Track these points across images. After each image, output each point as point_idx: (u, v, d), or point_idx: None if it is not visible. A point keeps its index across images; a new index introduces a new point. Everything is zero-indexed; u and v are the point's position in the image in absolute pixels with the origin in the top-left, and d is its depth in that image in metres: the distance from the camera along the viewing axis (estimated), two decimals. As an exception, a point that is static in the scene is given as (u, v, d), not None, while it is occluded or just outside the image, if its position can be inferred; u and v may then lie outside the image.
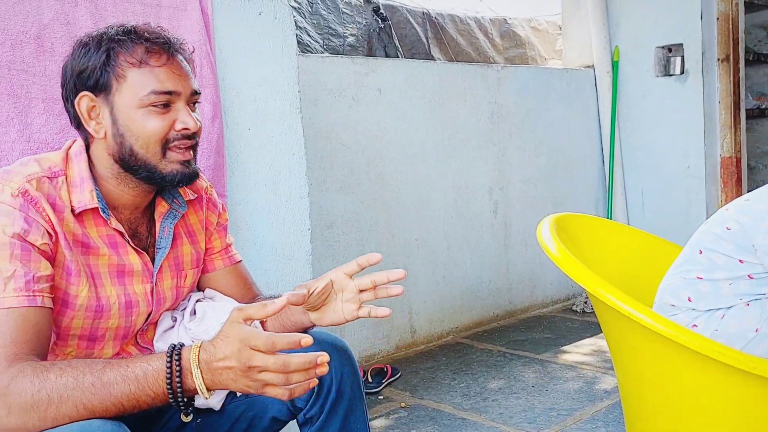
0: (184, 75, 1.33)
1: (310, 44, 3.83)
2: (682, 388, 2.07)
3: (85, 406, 1.06)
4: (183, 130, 1.31)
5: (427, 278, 3.68)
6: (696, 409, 2.08)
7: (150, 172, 1.32)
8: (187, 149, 1.34)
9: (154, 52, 1.30)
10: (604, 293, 2.05)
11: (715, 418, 2.07)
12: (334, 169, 3.27)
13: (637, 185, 4.47)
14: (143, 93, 1.28)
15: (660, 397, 2.16)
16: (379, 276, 1.41)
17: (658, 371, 2.12)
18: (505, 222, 4.08)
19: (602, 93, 4.49)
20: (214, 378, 1.10)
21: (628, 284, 2.34)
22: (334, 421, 1.42)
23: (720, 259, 2.01)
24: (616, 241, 2.76)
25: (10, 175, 1.23)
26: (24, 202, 1.20)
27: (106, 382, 1.07)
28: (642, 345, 2.11)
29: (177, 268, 1.47)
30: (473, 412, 2.71)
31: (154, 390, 1.09)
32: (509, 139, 4.08)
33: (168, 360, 1.10)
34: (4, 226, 1.17)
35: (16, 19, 1.69)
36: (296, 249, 2.35)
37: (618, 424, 2.52)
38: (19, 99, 1.69)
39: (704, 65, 4.09)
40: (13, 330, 1.12)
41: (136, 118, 1.29)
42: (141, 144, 1.30)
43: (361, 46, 4.11)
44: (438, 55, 4.46)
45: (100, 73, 1.29)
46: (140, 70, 1.28)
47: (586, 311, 4.14)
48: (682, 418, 2.12)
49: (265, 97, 2.25)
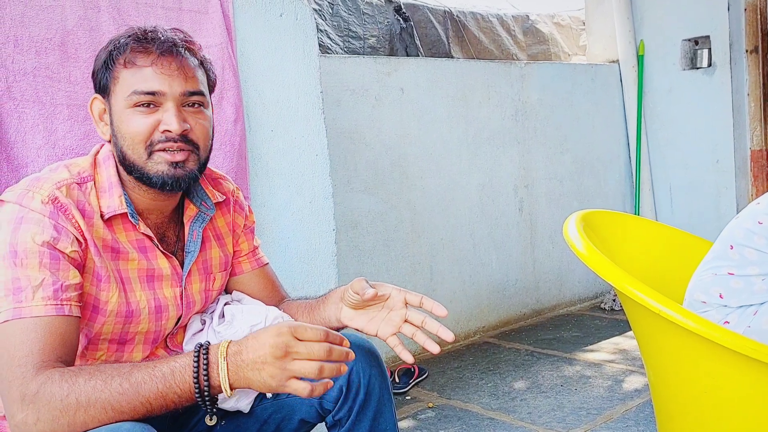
0: (175, 74, 1.28)
1: (331, 47, 3.83)
2: (715, 386, 2.03)
3: (113, 407, 1.05)
4: (165, 131, 1.27)
5: (453, 278, 3.66)
6: (729, 408, 2.04)
7: (140, 173, 1.29)
8: (178, 151, 1.29)
9: (141, 51, 1.28)
10: (633, 290, 2.02)
11: (750, 416, 2.03)
12: (358, 170, 3.26)
13: (665, 181, 4.41)
14: (128, 93, 1.27)
15: (692, 396, 2.12)
16: (430, 324, 1.43)
17: (689, 369, 2.09)
18: (531, 220, 4.05)
19: (628, 88, 4.44)
20: (239, 372, 1.09)
21: (657, 281, 2.31)
22: (362, 422, 1.41)
23: (752, 254, 1.97)
24: (644, 237, 2.73)
25: (40, 182, 1.23)
26: (54, 210, 1.20)
27: (134, 382, 1.07)
28: (673, 343, 2.07)
29: (206, 271, 1.47)
30: (501, 411, 2.69)
31: (181, 387, 1.09)
32: (534, 137, 4.04)
33: (195, 355, 1.10)
34: (34, 234, 1.17)
35: (40, 26, 1.71)
36: (321, 250, 2.35)
37: (649, 423, 2.48)
38: (44, 105, 1.71)
39: (732, 57, 4.02)
40: (40, 339, 1.12)
41: (124, 118, 1.28)
42: (128, 145, 1.28)
43: (382, 47, 4.11)
44: (458, 55, 4.43)
45: (102, 75, 1.30)
46: (128, 70, 1.27)
47: (615, 309, 4.10)
48: (714, 417, 2.08)
49: (287, 98, 2.25)
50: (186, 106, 1.31)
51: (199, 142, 1.33)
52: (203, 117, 1.34)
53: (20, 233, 1.17)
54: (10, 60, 1.68)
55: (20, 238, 1.16)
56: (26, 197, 1.20)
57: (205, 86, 1.36)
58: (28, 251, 1.16)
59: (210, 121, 1.37)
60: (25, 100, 1.69)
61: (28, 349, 1.10)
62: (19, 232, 1.17)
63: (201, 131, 1.33)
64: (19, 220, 1.18)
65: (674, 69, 4.26)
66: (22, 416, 1.06)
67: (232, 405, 1.43)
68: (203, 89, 1.34)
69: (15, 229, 1.17)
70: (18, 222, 1.18)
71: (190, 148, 1.31)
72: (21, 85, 1.69)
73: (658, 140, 4.41)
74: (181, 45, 1.32)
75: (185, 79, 1.30)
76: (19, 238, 1.16)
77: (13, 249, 1.16)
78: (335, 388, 1.40)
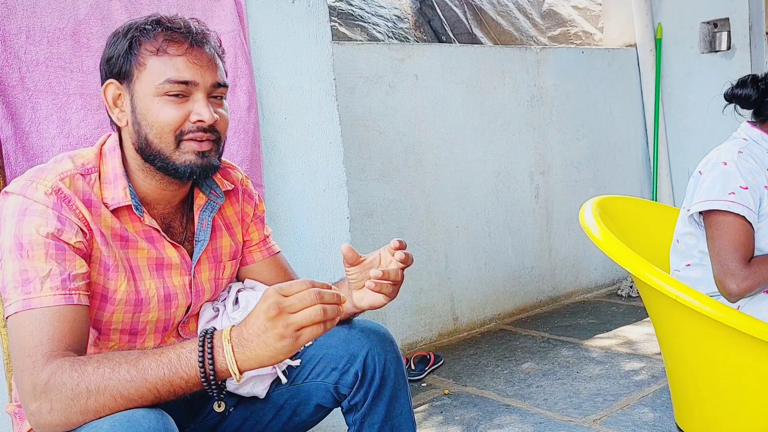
0: (205, 66, 1.29)
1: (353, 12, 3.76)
2: (734, 372, 2.02)
3: (122, 395, 1.05)
4: (198, 122, 1.28)
5: (469, 265, 3.65)
6: (749, 394, 2.02)
7: (164, 163, 1.29)
8: (205, 141, 1.30)
9: (174, 40, 1.28)
10: (650, 276, 2.01)
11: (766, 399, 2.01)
12: (373, 157, 3.25)
13: (683, 166, 4.36)
14: (159, 81, 1.27)
15: (711, 382, 2.10)
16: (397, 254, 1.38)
17: (708, 355, 2.07)
18: (547, 207, 4.02)
19: (645, 72, 4.38)
20: (246, 351, 1.07)
21: (674, 267, 2.29)
22: (378, 407, 1.42)
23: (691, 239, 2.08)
24: (661, 223, 2.70)
25: (44, 173, 1.24)
26: (57, 201, 1.21)
27: (141, 368, 1.06)
28: (691, 329, 2.06)
29: (215, 260, 1.47)
30: (517, 398, 2.68)
31: (187, 372, 1.08)
32: (550, 123, 4.01)
33: (200, 340, 1.09)
34: (38, 225, 1.18)
35: (52, 15, 1.71)
36: (335, 238, 2.34)
37: (666, 409, 2.46)
38: (57, 95, 1.71)
39: (752, 40, 3.96)
40: (50, 328, 1.13)
41: (152, 106, 1.27)
42: (155, 133, 1.28)
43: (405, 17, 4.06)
44: (480, 35, 4.40)
45: (124, 60, 1.29)
46: (159, 58, 1.27)
47: (632, 296, 4.07)
48: (734, 403, 2.07)
49: (300, 86, 2.24)
50: (212, 97, 1.32)
51: (222, 133, 1.35)
52: (224, 107, 1.36)
53: (24, 225, 1.17)
54: (23, 51, 1.68)
55: (25, 230, 1.17)
56: (30, 189, 1.21)
57: (225, 78, 1.37)
58: (33, 243, 1.17)
59: (228, 112, 1.38)
60: (39, 90, 1.69)
61: (37, 340, 1.11)
62: (24, 224, 1.17)
63: (224, 122, 1.35)
64: (23, 212, 1.19)
65: (693, 52, 4.20)
66: (36, 405, 1.07)
67: (248, 391, 1.44)
68: (227, 81, 1.36)
69: (19, 221, 1.18)
70: (22, 214, 1.18)
71: (216, 138, 1.33)
72: (34, 75, 1.69)
73: (676, 125, 4.36)
74: (209, 37, 1.34)
75: (215, 71, 1.31)
76: (23, 230, 1.17)
77: (18, 241, 1.17)
78: (350, 373, 1.41)
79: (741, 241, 1.88)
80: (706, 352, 2.06)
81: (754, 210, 1.89)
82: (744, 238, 1.89)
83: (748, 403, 2.03)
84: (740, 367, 1.99)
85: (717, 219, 1.92)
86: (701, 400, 2.15)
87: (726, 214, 1.89)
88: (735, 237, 1.88)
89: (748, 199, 1.88)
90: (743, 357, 1.96)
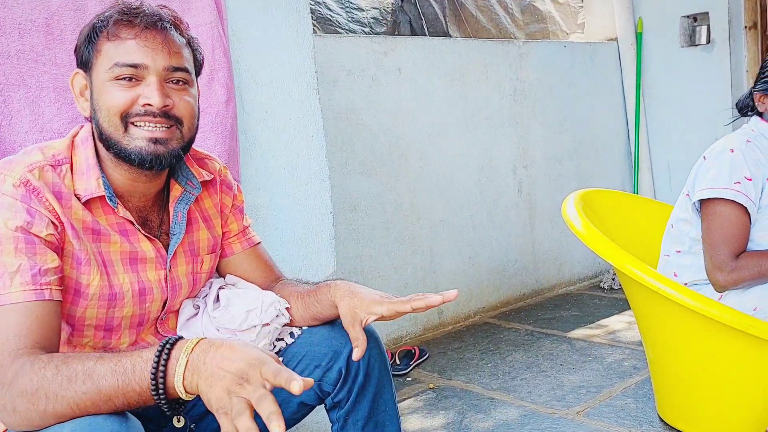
0: (158, 48, 1.25)
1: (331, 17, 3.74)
2: (712, 360, 2.03)
3: (78, 406, 1.00)
4: (145, 105, 1.24)
5: (453, 259, 3.64)
6: (726, 381, 2.03)
7: (117, 149, 1.25)
8: (158, 128, 1.25)
9: (126, 24, 1.25)
10: (631, 269, 2.01)
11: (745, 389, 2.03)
12: (356, 151, 3.23)
13: (663, 159, 4.38)
14: (109, 65, 1.24)
15: (689, 371, 2.11)
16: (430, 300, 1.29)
17: (688, 346, 2.08)
18: (530, 200, 4.03)
19: (626, 66, 4.39)
20: (195, 376, 1.00)
21: (655, 260, 2.30)
22: (362, 404, 1.40)
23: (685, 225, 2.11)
24: (642, 216, 2.71)
25: (12, 165, 1.20)
26: (26, 193, 1.17)
27: (96, 379, 1.01)
28: (671, 320, 2.07)
29: (192, 253, 1.44)
30: (502, 391, 2.68)
31: (140, 384, 1.01)
32: (532, 116, 4.01)
33: (159, 349, 1.02)
34: (7, 219, 1.15)
35: (23, 6, 1.67)
36: (318, 232, 2.32)
37: (648, 399, 2.47)
38: (29, 89, 1.68)
39: (731, 33, 3.98)
40: (18, 325, 1.09)
41: (103, 91, 1.24)
42: (104, 117, 1.25)
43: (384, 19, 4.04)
44: (456, 34, 4.39)
45: (85, 48, 1.27)
46: (111, 42, 1.24)
47: (614, 288, 4.09)
48: (712, 390, 2.08)
49: (281, 78, 2.22)
50: (170, 82, 1.27)
51: (184, 119, 1.29)
52: (188, 94, 1.30)
53: None
54: (-6, 43, 1.65)
55: None
56: None
57: (191, 65, 1.33)
58: (1, 237, 1.14)
59: (195, 100, 1.33)
60: (10, 83, 1.65)
61: (4, 337, 1.08)
62: None
63: (185, 108, 1.29)
64: None
65: (673, 46, 4.21)
66: (1, 404, 1.04)
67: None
68: (188, 67, 1.31)
69: None
70: None
71: (173, 124, 1.28)
72: (5, 68, 1.65)
73: (656, 118, 4.37)
74: (167, 20, 1.29)
75: (169, 54, 1.26)
76: None
77: None
78: (334, 370, 1.39)
79: (735, 234, 1.90)
80: (686, 343, 2.07)
81: (755, 202, 1.90)
82: (738, 231, 1.91)
83: (727, 392, 2.04)
84: (718, 356, 2.00)
85: (717, 208, 1.93)
86: (682, 390, 2.16)
87: (727, 203, 1.91)
88: (730, 229, 1.90)
89: (751, 190, 1.90)
90: (721, 347, 1.98)
